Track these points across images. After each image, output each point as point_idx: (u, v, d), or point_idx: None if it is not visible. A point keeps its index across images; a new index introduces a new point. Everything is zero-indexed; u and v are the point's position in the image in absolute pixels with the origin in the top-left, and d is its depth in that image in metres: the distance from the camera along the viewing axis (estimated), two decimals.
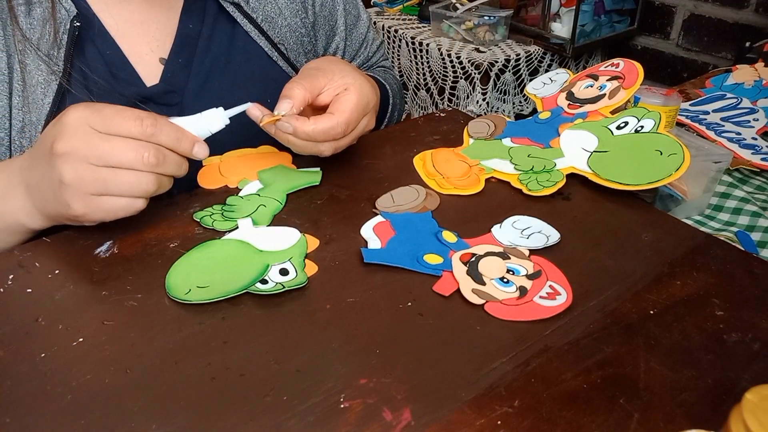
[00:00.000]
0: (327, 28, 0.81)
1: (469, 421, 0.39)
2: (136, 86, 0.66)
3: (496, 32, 1.75)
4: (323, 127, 0.57)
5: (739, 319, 0.48)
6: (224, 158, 0.67)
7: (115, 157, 0.49)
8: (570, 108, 0.72)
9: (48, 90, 0.61)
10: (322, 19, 0.80)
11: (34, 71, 0.61)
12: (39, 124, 0.61)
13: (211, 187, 0.63)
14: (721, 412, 0.39)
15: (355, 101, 0.59)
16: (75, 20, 0.61)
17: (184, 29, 0.69)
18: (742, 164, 0.80)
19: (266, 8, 0.73)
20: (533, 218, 0.58)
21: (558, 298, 0.49)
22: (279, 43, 0.74)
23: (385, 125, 0.85)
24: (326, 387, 0.41)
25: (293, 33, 0.75)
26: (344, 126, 0.58)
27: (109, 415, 0.39)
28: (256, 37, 0.72)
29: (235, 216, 0.58)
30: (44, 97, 0.61)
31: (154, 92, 0.67)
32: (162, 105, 0.67)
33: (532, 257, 0.53)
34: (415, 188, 0.63)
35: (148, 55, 0.68)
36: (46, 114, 0.61)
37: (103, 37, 0.65)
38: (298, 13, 0.76)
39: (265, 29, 0.72)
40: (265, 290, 0.49)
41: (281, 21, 0.74)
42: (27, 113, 0.61)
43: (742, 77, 1.03)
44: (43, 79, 0.61)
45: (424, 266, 0.52)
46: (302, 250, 0.53)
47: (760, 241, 0.67)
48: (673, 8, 1.77)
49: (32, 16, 0.61)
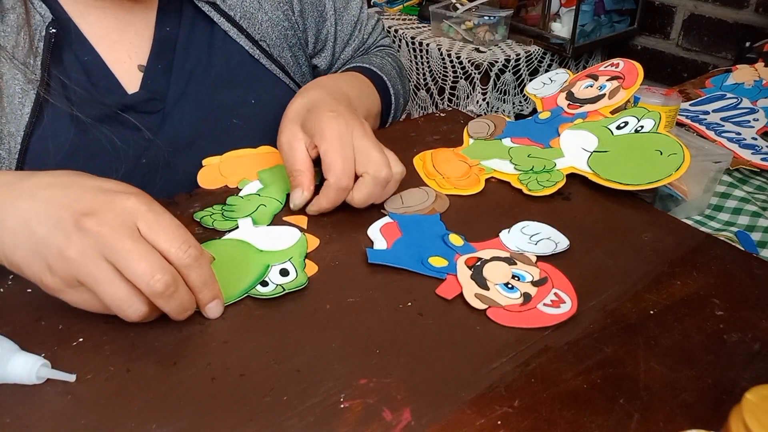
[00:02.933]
0: (315, 14, 0.79)
1: (469, 421, 0.39)
2: (116, 94, 0.64)
3: (496, 32, 1.75)
4: (330, 193, 0.56)
5: (739, 319, 0.48)
6: (224, 158, 0.67)
7: (126, 260, 0.41)
8: (570, 108, 0.72)
9: (26, 100, 0.59)
10: (309, 6, 0.77)
11: (11, 80, 0.59)
12: (18, 135, 0.59)
13: (211, 187, 0.63)
14: (721, 412, 0.39)
15: (334, 150, 0.55)
16: (51, 26, 0.59)
17: (161, 33, 0.67)
18: (742, 164, 0.80)
19: (244, 4, 0.70)
20: (542, 224, 0.58)
21: (562, 306, 0.48)
22: (260, 40, 0.71)
23: (392, 115, 0.83)
24: (326, 387, 0.41)
25: (275, 27, 0.73)
26: (342, 170, 0.55)
27: (109, 415, 0.39)
28: (236, 36, 0.70)
29: (236, 216, 0.58)
30: (22, 107, 0.59)
31: (135, 100, 0.65)
32: (144, 113, 0.65)
33: (539, 264, 0.52)
34: (425, 190, 0.63)
35: (126, 62, 0.66)
36: (25, 124, 0.59)
37: (81, 44, 0.63)
38: (280, 5, 0.73)
39: (245, 27, 0.70)
40: (265, 294, 0.48)
41: (261, 16, 0.71)
42: (5, 124, 0.59)
43: (742, 77, 1.03)
44: (20, 89, 0.59)
45: (428, 269, 0.52)
46: (302, 250, 0.53)
47: (760, 241, 0.67)
48: (673, 8, 1.77)
49: (5, 22, 0.58)
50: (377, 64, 0.82)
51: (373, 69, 0.80)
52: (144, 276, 0.41)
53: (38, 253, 0.42)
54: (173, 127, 0.67)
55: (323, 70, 0.85)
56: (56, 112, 0.61)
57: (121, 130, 0.64)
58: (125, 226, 0.42)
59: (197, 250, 0.44)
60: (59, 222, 0.42)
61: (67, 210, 0.42)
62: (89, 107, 0.62)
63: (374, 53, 0.87)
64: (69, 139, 0.61)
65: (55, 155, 0.61)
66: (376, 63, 0.82)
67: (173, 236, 0.43)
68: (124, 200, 0.43)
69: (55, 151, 0.61)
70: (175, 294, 0.43)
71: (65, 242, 0.41)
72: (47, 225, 0.42)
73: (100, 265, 0.41)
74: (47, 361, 0.41)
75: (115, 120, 0.64)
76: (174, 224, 0.44)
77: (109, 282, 0.42)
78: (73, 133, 0.61)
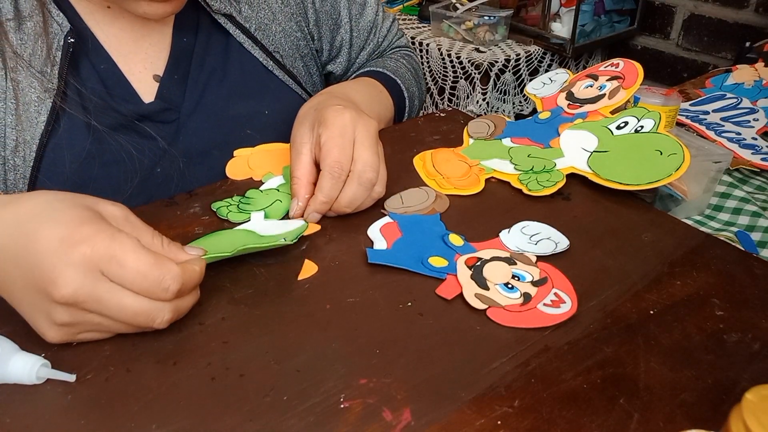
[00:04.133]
0: (330, 23, 0.79)
1: (469, 421, 0.39)
2: (132, 103, 0.65)
3: (496, 32, 1.75)
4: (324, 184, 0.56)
5: (739, 319, 0.48)
6: (255, 151, 0.68)
7: (123, 316, 0.41)
8: (570, 108, 0.72)
9: (42, 108, 0.59)
10: (324, 15, 0.78)
11: (27, 89, 0.59)
12: (33, 143, 0.59)
13: (238, 178, 0.64)
14: (721, 412, 0.39)
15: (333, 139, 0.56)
16: (69, 36, 0.59)
17: (178, 44, 0.68)
18: (742, 164, 0.80)
19: (259, 15, 0.71)
20: (542, 224, 0.58)
21: (562, 306, 0.48)
22: (274, 51, 0.72)
23: (408, 116, 0.84)
24: (326, 387, 0.41)
25: (288, 38, 0.74)
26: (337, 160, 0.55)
27: (109, 415, 0.39)
28: (250, 48, 0.71)
29: (251, 209, 0.58)
30: (38, 116, 0.59)
31: (150, 109, 0.66)
32: (159, 122, 0.66)
33: (539, 263, 0.52)
34: (425, 190, 0.63)
35: (141, 72, 0.66)
36: (41, 133, 0.59)
37: (98, 53, 0.63)
38: (293, 16, 0.74)
39: (259, 38, 0.71)
40: (263, 242, 0.50)
41: (275, 27, 0.73)
42: (21, 132, 0.59)
43: (742, 77, 1.03)
44: (36, 97, 0.59)
45: (428, 269, 0.52)
46: (299, 232, 0.54)
47: (760, 241, 0.67)
48: (673, 8, 1.77)
49: (23, 30, 0.59)
50: (391, 68, 0.82)
51: (387, 72, 0.80)
52: (147, 323, 0.42)
53: (28, 309, 0.42)
54: (188, 137, 0.68)
55: (339, 76, 0.86)
56: (72, 121, 0.61)
57: (136, 139, 0.65)
58: (94, 282, 0.40)
59: (176, 279, 0.42)
60: (27, 290, 0.41)
61: (27, 273, 0.40)
62: (105, 116, 0.63)
63: (389, 56, 0.88)
64: (85, 147, 0.62)
65: (70, 164, 0.62)
66: (390, 66, 0.82)
67: (145, 279, 0.41)
68: (73, 255, 0.40)
69: (71, 159, 0.62)
70: (182, 304, 0.44)
71: (44, 310, 0.41)
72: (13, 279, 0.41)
73: (96, 317, 0.41)
74: (47, 361, 0.42)
75: (130, 129, 0.64)
76: (139, 261, 0.41)
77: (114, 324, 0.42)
78: (88, 142, 0.62)
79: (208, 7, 0.67)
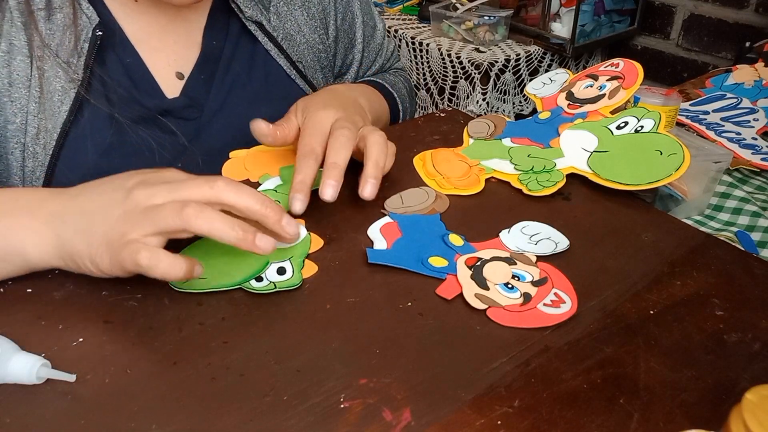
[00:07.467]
0: (346, 41, 0.82)
1: (469, 421, 0.39)
2: (156, 98, 0.66)
3: (496, 32, 1.75)
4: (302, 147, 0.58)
5: (739, 319, 0.48)
6: (250, 152, 0.68)
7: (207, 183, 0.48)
8: (570, 108, 0.72)
9: (65, 98, 0.60)
10: (342, 33, 0.81)
11: (52, 78, 0.60)
12: (54, 132, 0.60)
13: (234, 179, 0.64)
14: (721, 412, 0.39)
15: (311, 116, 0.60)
16: (97, 29, 0.60)
17: (208, 46, 0.69)
18: (742, 164, 0.80)
19: (286, 25, 0.73)
20: (542, 224, 0.58)
21: (562, 306, 0.48)
22: (297, 61, 0.74)
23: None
24: (326, 387, 0.41)
25: (311, 50, 0.76)
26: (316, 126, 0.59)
27: (109, 415, 0.39)
28: (276, 56, 0.72)
29: None
30: (61, 105, 0.60)
31: (174, 105, 0.67)
32: (181, 119, 0.67)
33: (539, 263, 0.52)
34: (425, 190, 0.63)
35: (165, 69, 0.67)
36: (62, 122, 0.60)
37: (124, 46, 0.65)
38: (316, 29, 0.76)
39: (285, 47, 0.73)
40: (257, 289, 0.49)
41: (300, 38, 0.75)
42: (42, 120, 0.60)
43: (742, 77, 1.03)
44: (60, 87, 0.60)
45: (428, 269, 0.52)
46: (304, 250, 0.53)
47: (760, 241, 0.67)
48: (673, 8, 1.77)
49: (52, 21, 0.60)
50: (389, 81, 0.86)
51: (385, 84, 0.84)
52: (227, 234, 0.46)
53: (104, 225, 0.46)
54: (209, 137, 0.69)
55: None
56: (95, 112, 0.62)
57: (158, 134, 0.66)
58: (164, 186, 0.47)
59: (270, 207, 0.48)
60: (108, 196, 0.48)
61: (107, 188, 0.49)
62: (128, 108, 0.64)
63: (388, 74, 0.91)
64: (106, 139, 0.63)
65: (91, 154, 0.62)
66: (388, 80, 0.86)
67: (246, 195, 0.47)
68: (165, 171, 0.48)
69: (92, 150, 0.62)
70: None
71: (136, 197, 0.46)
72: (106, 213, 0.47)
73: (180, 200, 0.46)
74: (47, 361, 0.42)
75: (152, 123, 0.66)
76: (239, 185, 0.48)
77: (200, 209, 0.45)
78: (110, 134, 0.63)
79: (240, 13, 0.69)
